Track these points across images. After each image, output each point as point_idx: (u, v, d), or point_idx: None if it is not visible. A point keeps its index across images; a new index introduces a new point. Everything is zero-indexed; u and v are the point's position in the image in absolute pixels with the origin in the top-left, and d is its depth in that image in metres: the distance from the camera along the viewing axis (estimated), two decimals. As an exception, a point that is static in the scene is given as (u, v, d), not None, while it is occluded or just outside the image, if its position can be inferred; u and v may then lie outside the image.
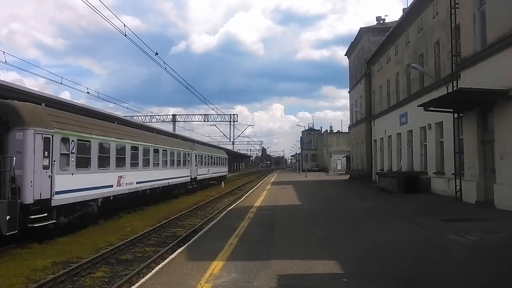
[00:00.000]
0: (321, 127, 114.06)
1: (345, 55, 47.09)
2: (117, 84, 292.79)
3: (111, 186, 15.91)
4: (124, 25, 18.57)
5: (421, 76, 23.21)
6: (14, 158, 10.49)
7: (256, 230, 11.39)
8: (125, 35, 18.46)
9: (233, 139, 78.96)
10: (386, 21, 37.99)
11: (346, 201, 20.60)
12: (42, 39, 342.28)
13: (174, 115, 69.81)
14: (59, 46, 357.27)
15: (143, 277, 7.50)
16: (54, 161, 11.90)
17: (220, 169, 43.40)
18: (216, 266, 7.34)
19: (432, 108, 17.71)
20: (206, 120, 70.16)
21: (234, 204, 19.77)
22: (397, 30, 27.86)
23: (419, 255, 7.96)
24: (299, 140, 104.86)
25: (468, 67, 15.76)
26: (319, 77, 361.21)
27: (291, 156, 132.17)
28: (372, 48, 35.04)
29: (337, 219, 13.83)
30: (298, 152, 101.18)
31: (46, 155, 11.57)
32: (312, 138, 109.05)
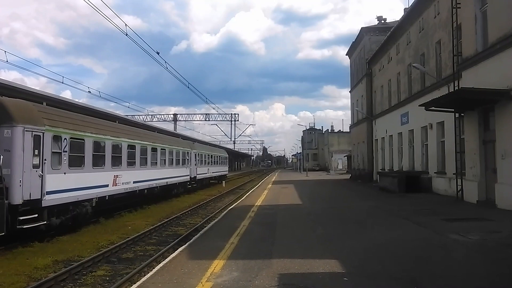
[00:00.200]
0: (322, 126, 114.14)
1: (346, 54, 47.06)
2: (118, 83, 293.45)
3: (107, 185, 15.50)
4: (125, 24, 18.60)
5: (422, 75, 23.19)
6: (2, 157, 10.00)
7: (257, 229, 11.39)
8: (126, 35, 18.46)
9: (234, 139, 79.14)
10: (387, 21, 37.95)
11: (347, 200, 20.59)
12: (43, 39, 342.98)
13: (175, 115, 69.78)
14: (60, 46, 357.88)
15: (144, 275, 7.51)
16: (45, 159, 11.44)
17: (220, 169, 43.19)
18: (217, 265, 7.35)
19: (433, 108, 17.69)
20: (207, 119, 70.20)
21: (235, 203, 19.77)
22: (398, 30, 27.83)
23: (420, 254, 7.95)
24: (300, 139, 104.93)
25: (470, 67, 15.74)
26: (320, 77, 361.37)
27: (292, 155, 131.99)
28: (373, 48, 35.00)
29: (338, 218, 13.82)
30: (299, 152, 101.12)
31: (36, 153, 11.12)
32: (313, 137, 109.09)
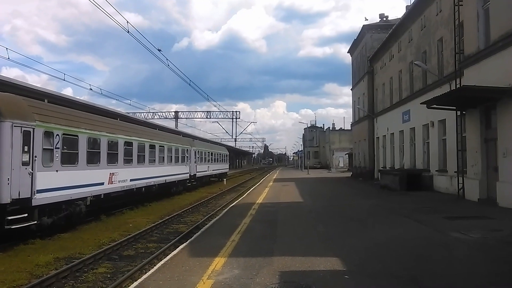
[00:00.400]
0: (323, 124, 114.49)
1: (347, 52, 46.95)
2: (119, 80, 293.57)
3: (102, 183, 15.02)
4: (127, 21, 18.61)
5: (424, 73, 23.13)
6: None
7: (258, 227, 11.40)
8: (127, 32, 18.48)
9: (236, 136, 78.89)
10: (389, 19, 37.84)
11: (348, 198, 20.57)
12: (45, 36, 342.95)
13: (176, 112, 69.65)
14: (62, 43, 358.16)
15: (146, 273, 7.51)
16: (36, 156, 10.89)
17: (220, 166, 42.93)
18: (218, 262, 7.35)
19: (435, 106, 17.67)
20: (208, 117, 70.04)
21: (236, 201, 19.78)
22: (400, 27, 27.75)
23: (421, 253, 7.95)
24: (301, 137, 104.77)
25: (472, 64, 15.70)
26: (321, 75, 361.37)
27: (293, 153, 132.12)
28: (375, 46, 34.90)
29: (339, 216, 13.82)
30: (300, 149, 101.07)
31: (26, 150, 10.57)
32: (314, 135, 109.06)
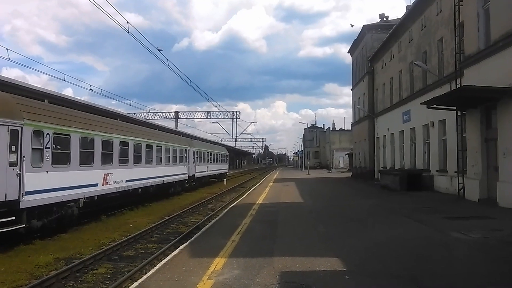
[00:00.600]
0: (323, 124, 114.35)
1: (348, 52, 46.96)
2: (120, 81, 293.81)
3: (96, 185, 14.53)
4: (127, 22, 18.59)
5: (424, 73, 23.12)
6: None
7: (258, 227, 11.39)
8: (128, 32, 18.47)
9: (236, 136, 78.81)
10: (389, 19, 37.83)
11: (348, 198, 20.58)
12: (45, 36, 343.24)
13: (176, 112, 69.58)
14: (62, 43, 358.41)
15: (146, 273, 7.51)
16: (24, 157, 10.38)
17: (220, 166, 42.56)
18: (218, 263, 7.35)
19: (435, 106, 17.67)
20: (208, 117, 69.97)
21: (237, 201, 19.77)
22: (400, 27, 27.74)
23: (421, 253, 7.94)
24: (302, 137, 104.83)
25: (472, 64, 15.69)
26: (321, 75, 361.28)
27: (294, 153, 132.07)
28: (375, 46, 34.89)
29: (339, 216, 13.82)
30: (300, 150, 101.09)
31: (13, 150, 10.12)
32: (314, 135, 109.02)
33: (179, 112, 69.89)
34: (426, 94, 21.57)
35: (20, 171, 10.30)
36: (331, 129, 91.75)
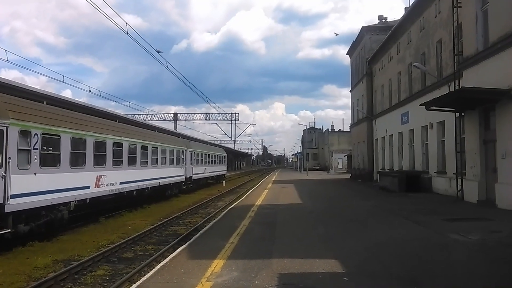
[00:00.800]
0: (322, 126, 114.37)
1: (346, 54, 47.05)
2: (118, 82, 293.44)
3: (88, 187, 14.05)
4: (126, 23, 18.61)
5: (423, 75, 23.17)
6: None
7: (257, 229, 11.38)
8: (127, 33, 18.45)
9: (235, 138, 78.99)
10: (388, 20, 37.95)
11: (347, 200, 20.58)
12: (44, 38, 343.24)
13: (175, 114, 69.66)
14: (61, 45, 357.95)
15: (144, 275, 7.50)
16: (10, 158, 9.85)
17: (218, 168, 42.32)
18: (217, 264, 7.34)
19: (433, 107, 17.68)
20: (207, 118, 70.13)
21: (235, 203, 19.76)
22: (399, 29, 27.81)
23: (420, 254, 7.94)
24: (300, 139, 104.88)
25: (470, 66, 15.72)
26: (320, 76, 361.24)
27: (292, 155, 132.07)
28: (374, 47, 34.98)
29: (338, 217, 13.81)
30: (299, 151, 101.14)
31: None
32: (313, 137, 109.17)
33: (178, 113, 70.02)
34: (424, 95, 21.60)
35: (5, 173, 9.74)
36: (330, 130, 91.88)
